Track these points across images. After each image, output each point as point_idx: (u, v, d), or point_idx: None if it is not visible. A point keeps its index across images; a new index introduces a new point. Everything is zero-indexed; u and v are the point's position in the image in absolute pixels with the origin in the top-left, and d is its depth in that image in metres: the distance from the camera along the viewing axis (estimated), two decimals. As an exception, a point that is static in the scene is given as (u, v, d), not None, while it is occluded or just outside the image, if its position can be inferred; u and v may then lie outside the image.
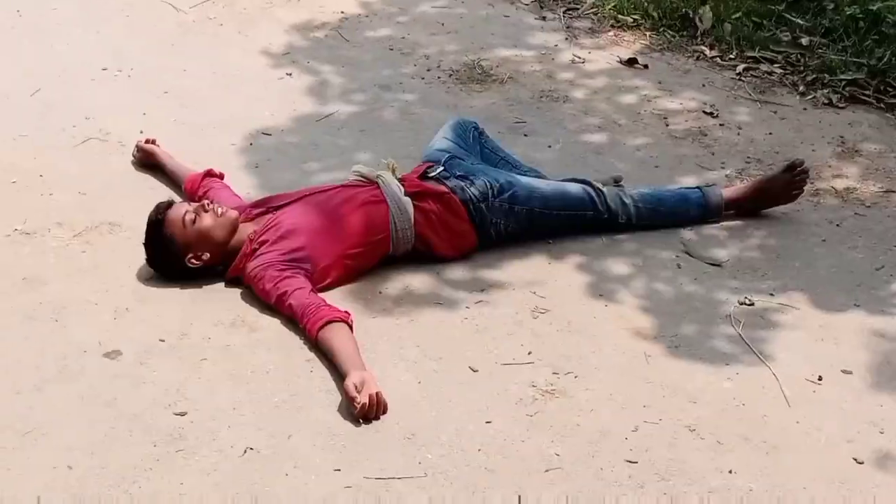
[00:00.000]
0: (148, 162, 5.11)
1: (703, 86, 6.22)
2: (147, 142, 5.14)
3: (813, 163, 5.34)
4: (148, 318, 4.17)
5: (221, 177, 4.89)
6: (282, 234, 4.36)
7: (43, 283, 4.31)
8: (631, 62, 6.42)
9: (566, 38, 6.66)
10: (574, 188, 4.81)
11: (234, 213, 4.44)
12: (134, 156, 5.15)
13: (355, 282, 4.43)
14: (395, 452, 3.59)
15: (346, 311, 4.09)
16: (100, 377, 3.86)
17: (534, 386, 3.92)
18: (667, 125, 5.79)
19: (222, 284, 4.39)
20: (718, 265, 4.68)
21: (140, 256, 4.42)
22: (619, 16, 6.85)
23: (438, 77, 6.15)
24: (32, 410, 3.69)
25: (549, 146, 5.53)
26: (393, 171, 4.67)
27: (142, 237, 4.40)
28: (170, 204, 4.43)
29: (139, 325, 4.13)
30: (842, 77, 6.22)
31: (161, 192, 4.89)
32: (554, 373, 3.99)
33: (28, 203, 4.80)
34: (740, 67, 6.41)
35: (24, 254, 4.50)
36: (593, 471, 3.56)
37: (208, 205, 4.41)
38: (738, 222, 4.97)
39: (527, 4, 7.06)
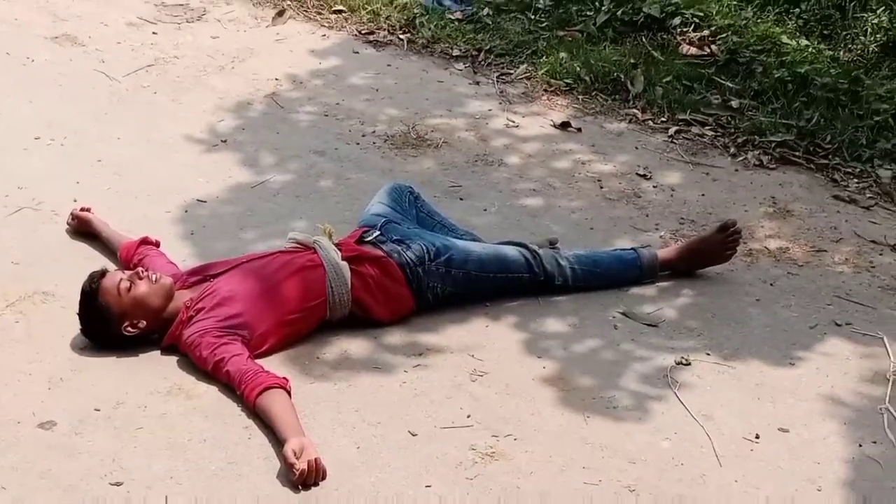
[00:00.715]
0: (83, 230, 5.08)
1: (636, 148, 6.28)
2: (81, 209, 5.10)
3: (745, 223, 5.40)
4: (83, 388, 4.13)
5: (157, 244, 4.87)
6: (219, 301, 4.34)
7: (-25, 354, 4.27)
8: (564, 126, 6.47)
9: (500, 103, 6.71)
10: (510, 251, 4.83)
11: (168, 280, 4.42)
12: (69, 223, 5.11)
13: (293, 347, 4.42)
14: (334, 519, 3.58)
15: (284, 377, 4.08)
16: (34, 448, 3.81)
17: (473, 449, 3.91)
18: (601, 187, 5.84)
19: (158, 352, 4.36)
20: (654, 325, 4.70)
21: (74, 325, 4.37)
22: (552, 80, 6.91)
23: (373, 142, 6.17)
24: (-35, 483, 3.64)
25: (485, 209, 5.56)
26: (329, 236, 4.67)
27: (76, 306, 4.36)
28: (103, 273, 4.39)
29: (74, 395, 4.09)
30: (772, 138, 6.31)
31: (95, 260, 4.84)
32: (493, 435, 3.99)
33: (-40, 273, 4.76)
34: (672, 130, 6.47)
35: (-43, 324, 4.45)
36: (534, 534, 3.56)
37: (143, 272, 4.39)
38: (673, 283, 5.00)
39: (460, 70, 7.10)
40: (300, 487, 3.67)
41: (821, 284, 5.06)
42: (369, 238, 4.73)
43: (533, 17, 7.45)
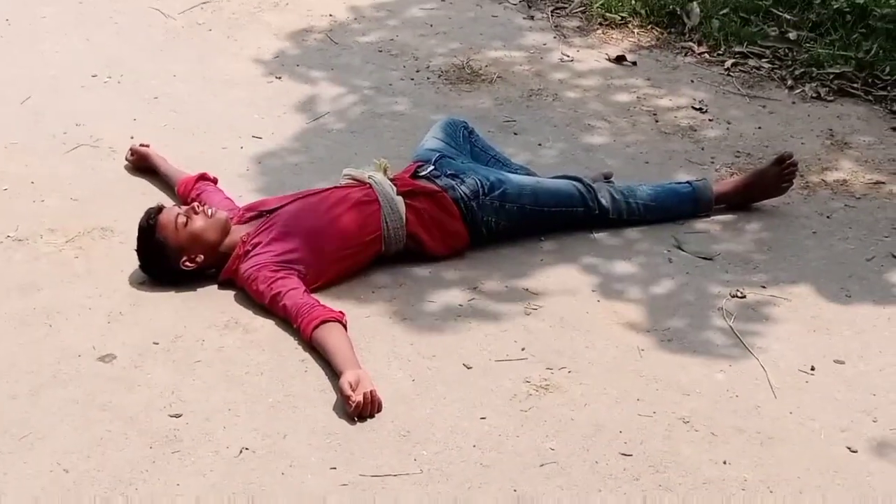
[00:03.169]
0: (141, 165, 5.13)
1: (692, 82, 6.24)
2: (140, 146, 5.14)
3: (802, 156, 5.36)
4: (142, 322, 4.18)
5: (215, 181, 4.90)
6: (275, 236, 4.37)
7: (36, 289, 4.32)
8: (620, 60, 6.44)
9: (554, 37, 6.68)
10: (565, 185, 4.82)
11: (224, 214, 4.45)
12: (127, 159, 5.16)
13: (348, 281, 4.44)
14: (390, 450, 3.60)
15: (340, 311, 4.10)
16: (94, 381, 3.87)
17: (528, 381, 3.93)
18: (656, 121, 5.81)
19: (215, 287, 4.40)
20: (710, 259, 4.69)
21: (133, 260, 4.42)
22: (607, 14, 6.87)
23: (428, 78, 6.17)
24: (28, 415, 3.70)
25: (540, 144, 5.55)
26: (384, 171, 4.68)
27: (134, 242, 4.40)
28: (160, 208, 4.43)
29: (133, 329, 4.14)
30: (830, 70, 6.24)
31: (152, 196, 4.89)
32: (548, 368, 4.00)
33: (20, 210, 4.81)
34: (728, 63, 6.42)
35: (17, 260, 4.51)
36: (588, 464, 3.57)
37: (199, 207, 4.42)
38: (728, 216, 4.98)
39: (514, 4, 7.07)
40: (356, 419, 3.71)
41: (878, 217, 5.02)
42: (424, 173, 4.73)
43: (588, -51, 7.40)
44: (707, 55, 6.53)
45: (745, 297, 4.45)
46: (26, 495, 3.37)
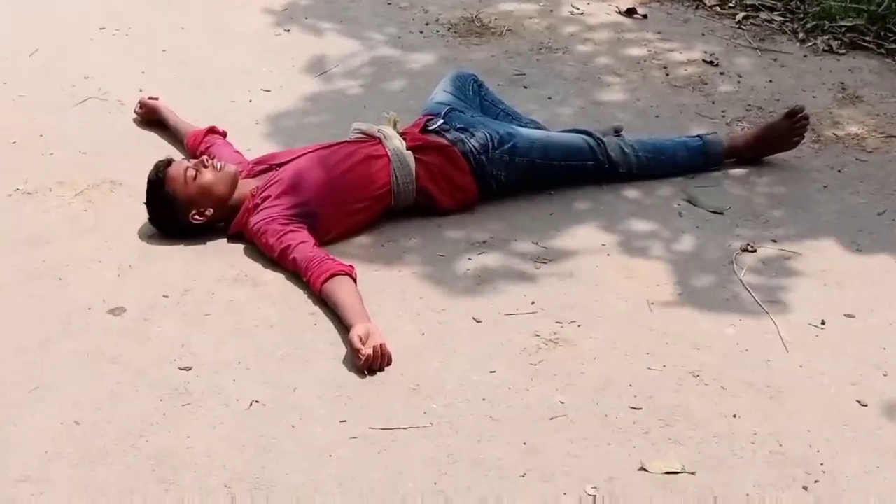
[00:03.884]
0: (150, 118, 5.12)
1: (703, 35, 6.21)
2: (150, 98, 5.13)
3: (814, 109, 5.34)
4: (151, 275, 4.18)
5: (224, 134, 4.89)
6: (284, 189, 4.36)
7: (45, 242, 4.32)
8: (630, 12, 6.41)
9: (565, -10, 6.65)
10: (575, 138, 4.80)
11: (233, 168, 4.44)
12: (136, 112, 5.15)
13: (358, 235, 4.44)
14: (399, 403, 3.60)
15: (349, 265, 4.10)
16: (104, 334, 3.87)
17: (537, 335, 3.92)
18: (667, 75, 5.78)
19: (225, 240, 4.40)
20: (720, 213, 4.67)
21: (142, 214, 4.42)
22: (618, -34, 6.83)
23: (437, 31, 6.14)
24: (38, 367, 3.70)
25: (549, 98, 5.52)
26: (394, 125, 4.66)
27: (143, 195, 4.39)
28: (169, 162, 4.42)
29: (143, 282, 4.14)
30: (842, 24, 6.21)
31: (161, 150, 4.88)
32: (557, 322, 3.99)
33: (29, 163, 4.81)
34: (740, 16, 6.39)
35: (26, 213, 4.50)
36: (598, 418, 3.57)
37: (208, 160, 4.41)
38: (739, 170, 4.97)
39: (525, -43, 7.03)
40: (366, 372, 3.71)
41: (890, 171, 5.00)
42: (433, 126, 4.71)
43: None
44: (718, 8, 6.50)
45: (756, 251, 4.44)
46: (36, 447, 3.37)
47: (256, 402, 3.58)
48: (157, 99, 5.13)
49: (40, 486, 3.25)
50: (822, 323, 4.04)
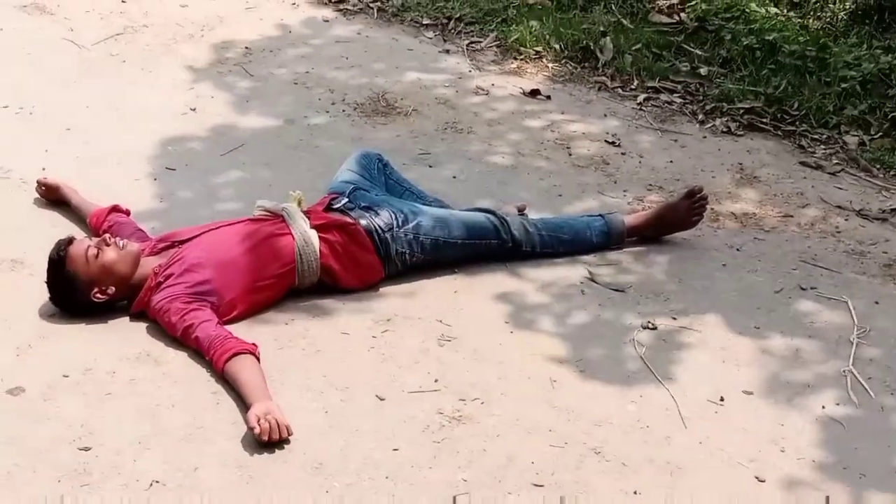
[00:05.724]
0: (52, 197, 5.07)
1: (605, 115, 6.31)
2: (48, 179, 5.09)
3: (713, 189, 5.44)
4: (52, 354, 4.13)
5: (127, 213, 4.87)
6: (187, 268, 4.35)
7: (-56, 322, 4.27)
8: (534, 93, 6.49)
9: (469, 71, 6.72)
10: (478, 217, 4.85)
11: (135, 246, 4.42)
12: (38, 191, 5.10)
13: (262, 314, 4.43)
14: (303, 482, 3.59)
15: (252, 343, 4.09)
16: (2, 414, 3.82)
17: (440, 413, 3.94)
18: (569, 154, 5.86)
19: (127, 319, 4.37)
20: (621, 290, 4.73)
21: (43, 293, 4.37)
22: (522, 48, 6.92)
23: (343, 110, 6.17)
24: (-66, 449, 3.64)
25: (454, 176, 5.57)
26: (299, 204, 4.67)
27: (44, 274, 4.35)
28: (71, 240, 4.39)
29: (43, 361, 4.09)
30: (740, 105, 6.35)
31: (65, 228, 4.84)
32: (461, 399, 4.01)
33: (-72, 242, 4.75)
34: (641, 97, 6.51)
35: (-75, 292, 4.45)
36: (501, 495, 3.59)
37: (110, 238, 4.39)
38: (640, 248, 5.04)
39: (430, 38, 7.11)
40: (268, 449, 3.69)
41: (787, 249, 5.10)
42: (338, 205, 4.73)
43: (503, -16, 7.46)
44: (620, 89, 6.61)
45: (656, 328, 4.49)
46: (-69, 531, 3.33)
47: (157, 482, 3.55)
48: (57, 185, 5.08)
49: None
50: (721, 399, 4.10)
